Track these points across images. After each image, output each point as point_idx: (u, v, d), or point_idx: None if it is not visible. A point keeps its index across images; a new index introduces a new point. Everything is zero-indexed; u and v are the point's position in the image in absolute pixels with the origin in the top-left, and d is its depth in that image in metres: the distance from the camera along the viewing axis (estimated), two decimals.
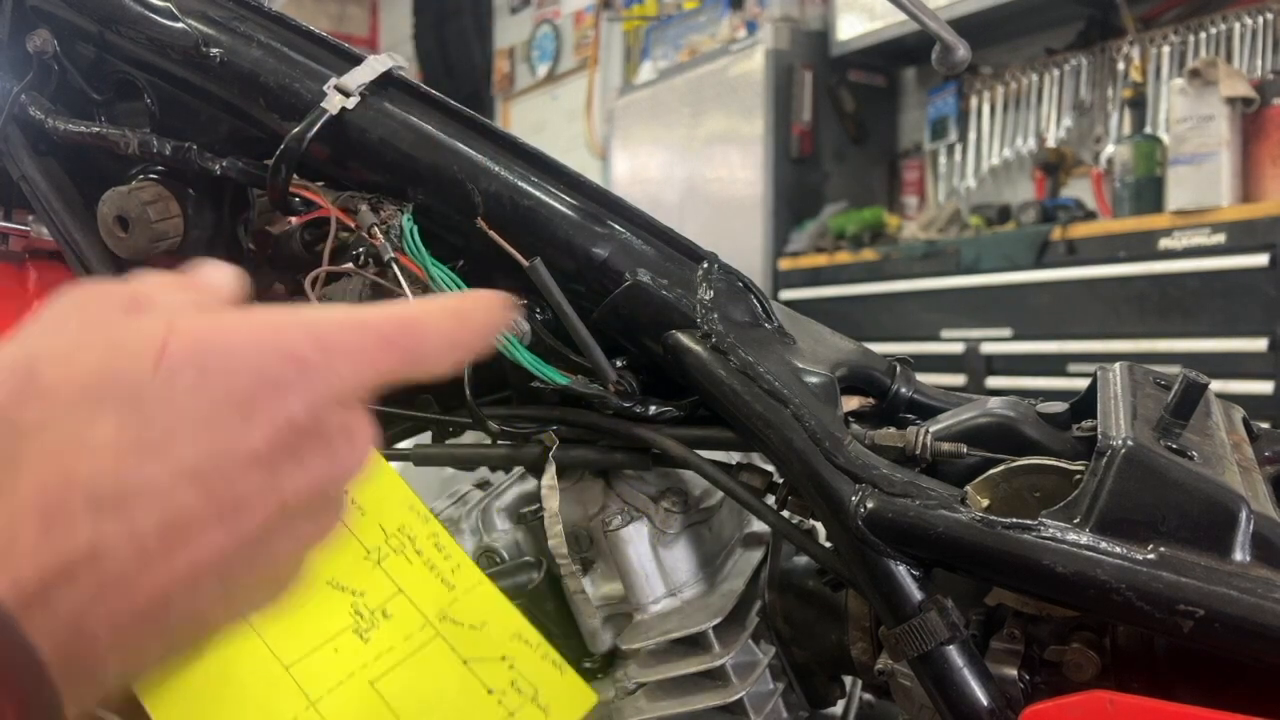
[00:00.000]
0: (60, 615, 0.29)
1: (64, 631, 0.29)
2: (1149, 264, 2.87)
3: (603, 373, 0.69)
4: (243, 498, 0.31)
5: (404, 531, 0.50)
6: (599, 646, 0.78)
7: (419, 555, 0.50)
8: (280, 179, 0.71)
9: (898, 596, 0.61)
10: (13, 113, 0.76)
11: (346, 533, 0.48)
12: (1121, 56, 3.49)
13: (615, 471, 0.76)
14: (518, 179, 0.71)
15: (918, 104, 4.28)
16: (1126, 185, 3.06)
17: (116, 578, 0.30)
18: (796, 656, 0.75)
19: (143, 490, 0.30)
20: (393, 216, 0.70)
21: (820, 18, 4.13)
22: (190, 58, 0.72)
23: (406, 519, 0.51)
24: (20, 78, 0.76)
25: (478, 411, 0.72)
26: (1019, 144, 3.85)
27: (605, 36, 5.49)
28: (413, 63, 6.35)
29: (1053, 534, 0.56)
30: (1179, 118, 2.83)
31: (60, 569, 0.29)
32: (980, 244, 3.35)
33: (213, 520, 0.31)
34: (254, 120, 0.73)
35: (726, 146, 4.06)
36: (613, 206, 0.72)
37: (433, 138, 0.71)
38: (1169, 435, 0.59)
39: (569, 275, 0.70)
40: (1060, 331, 3.07)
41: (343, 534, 0.47)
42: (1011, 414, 0.66)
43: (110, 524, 0.29)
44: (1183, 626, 0.52)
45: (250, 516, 0.32)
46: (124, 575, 0.30)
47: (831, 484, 0.62)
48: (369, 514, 0.50)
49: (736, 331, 0.68)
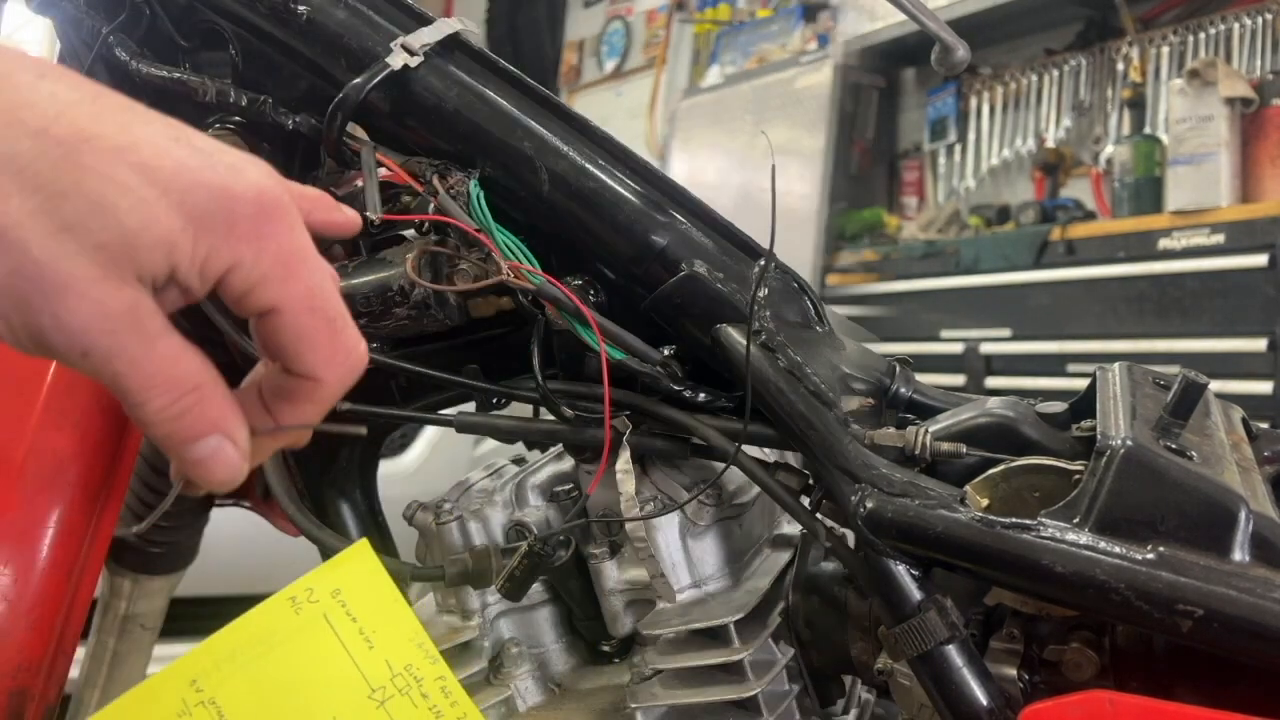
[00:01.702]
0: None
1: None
2: (1148, 264, 2.87)
3: (647, 356, 0.70)
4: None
5: (411, 671, 0.48)
6: (619, 630, 0.79)
7: (424, 699, 0.48)
8: (335, 126, 0.70)
9: (897, 596, 0.61)
10: (100, 53, 0.76)
11: (351, 665, 0.46)
12: (1121, 57, 3.47)
13: (651, 458, 0.76)
14: (585, 160, 0.71)
15: (917, 104, 4.24)
16: (1126, 185, 3.06)
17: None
18: (815, 661, 0.75)
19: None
20: (460, 183, 0.71)
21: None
22: (278, 12, 0.72)
23: (414, 657, 0.48)
24: (112, 19, 0.76)
25: (546, 392, 0.72)
26: (1018, 144, 3.83)
27: (675, 37, 5.44)
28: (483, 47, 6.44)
29: (1052, 533, 0.56)
30: (1178, 118, 2.83)
31: None
32: (979, 244, 3.36)
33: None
34: (332, 80, 0.73)
35: (786, 158, 4.00)
36: (675, 196, 0.72)
37: (503, 110, 0.71)
38: (1168, 435, 0.59)
39: (626, 260, 0.71)
40: (1059, 332, 3.07)
41: (343, 666, 0.46)
42: (1011, 414, 0.66)
43: None
44: (1181, 626, 0.52)
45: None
46: None
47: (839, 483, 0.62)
48: (376, 649, 0.47)
49: (787, 331, 0.69)
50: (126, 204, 0.36)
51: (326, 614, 0.46)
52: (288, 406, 0.43)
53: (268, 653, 0.45)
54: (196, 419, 0.39)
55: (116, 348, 0.36)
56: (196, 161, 0.38)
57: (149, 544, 0.97)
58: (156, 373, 0.37)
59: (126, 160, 0.36)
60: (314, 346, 0.41)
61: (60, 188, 0.35)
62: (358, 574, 0.47)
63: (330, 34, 0.72)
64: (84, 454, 0.79)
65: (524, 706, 0.80)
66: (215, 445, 0.40)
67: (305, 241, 0.41)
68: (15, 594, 0.75)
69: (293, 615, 0.46)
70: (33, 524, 0.76)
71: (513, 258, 0.69)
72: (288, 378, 0.42)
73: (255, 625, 0.45)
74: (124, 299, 0.36)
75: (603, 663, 0.84)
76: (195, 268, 0.38)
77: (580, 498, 0.79)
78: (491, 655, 0.81)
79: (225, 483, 0.41)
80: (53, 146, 0.35)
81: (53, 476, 0.77)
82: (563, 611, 0.84)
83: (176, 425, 0.39)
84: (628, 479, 0.71)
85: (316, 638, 0.46)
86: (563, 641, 0.84)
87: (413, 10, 0.74)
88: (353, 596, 0.47)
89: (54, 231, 0.35)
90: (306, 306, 0.40)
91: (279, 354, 0.42)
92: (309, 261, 0.41)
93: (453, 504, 0.82)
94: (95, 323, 0.36)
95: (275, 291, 0.40)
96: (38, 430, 0.77)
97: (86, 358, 0.36)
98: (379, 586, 0.48)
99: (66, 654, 0.80)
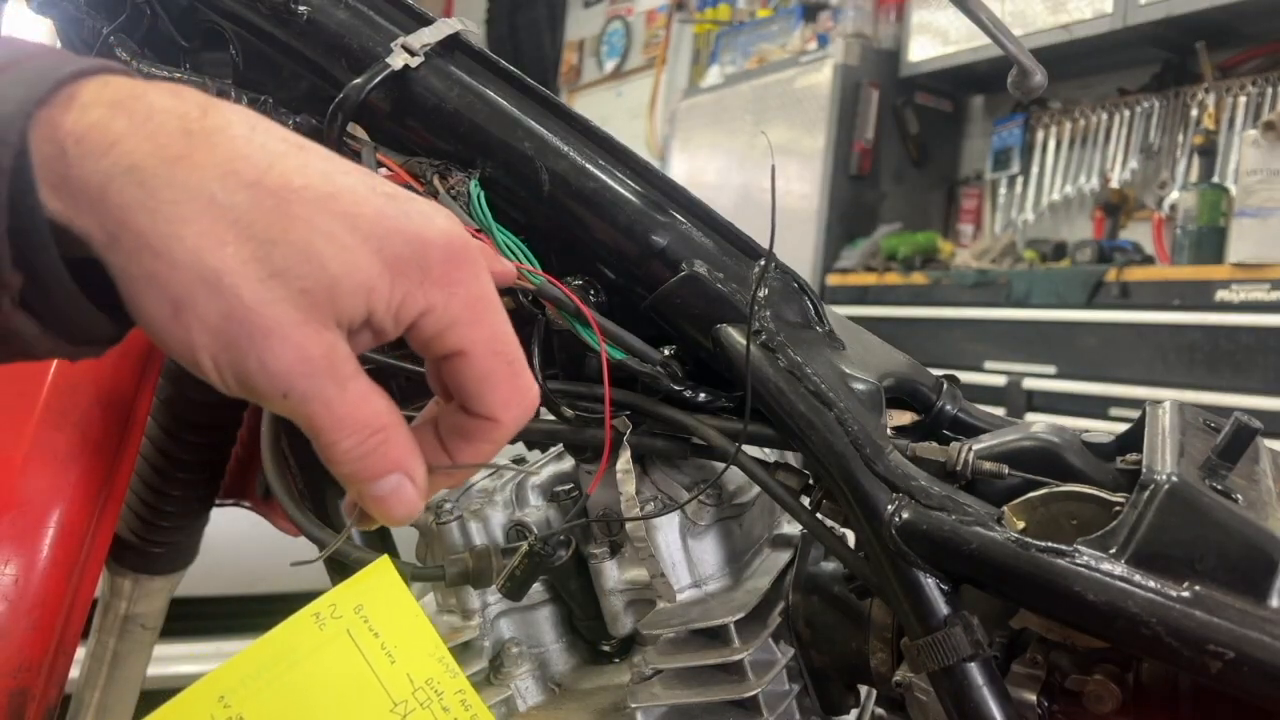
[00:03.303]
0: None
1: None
2: (1203, 314, 2.82)
3: (647, 356, 0.70)
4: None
5: (432, 685, 0.48)
6: (619, 630, 0.79)
7: (446, 712, 0.48)
8: (336, 126, 0.71)
9: (924, 608, 0.60)
10: (100, 53, 0.76)
11: (374, 680, 0.47)
12: (1195, 103, 3.43)
13: (650, 458, 0.76)
14: (586, 161, 0.71)
15: (982, 132, 4.25)
16: (1188, 233, 3.00)
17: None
18: (815, 661, 0.75)
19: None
20: (460, 183, 0.71)
21: (893, 37, 4.11)
22: (278, 12, 0.73)
23: (435, 671, 0.48)
24: (112, 20, 0.77)
25: (547, 392, 0.72)
26: (1081, 182, 3.81)
27: (675, 37, 5.52)
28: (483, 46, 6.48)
29: (1087, 561, 0.55)
30: (1249, 169, 2.77)
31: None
32: (1032, 278, 3.32)
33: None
34: (333, 80, 0.73)
35: (785, 158, 4.06)
36: (675, 196, 0.72)
37: (504, 110, 0.72)
38: (1214, 476, 0.58)
39: (626, 260, 0.71)
40: (1106, 374, 3.04)
41: (367, 680, 0.47)
42: (1056, 440, 0.66)
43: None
44: (1211, 667, 0.51)
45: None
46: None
47: (868, 491, 0.62)
48: (398, 663, 0.48)
49: (787, 331, 0.68)
50: (331, 251, 0.37)
51: (350, 629, 0.47)
52: (465, 445, 0.45)
53: (292, 668, 0.46)
54: (381, 458, 0.41)
55: (314, 390, 0.38)
56: (393, 210, 0.40)
57: (149, 544, 0.97)
58: (348, 415, 0.39)
59: (330, 210, 0.38)
60: (495, 388, 0.43)
61: (271, 236, 0.37)
62: (379, 589, 0.48)
63: (330, 34, 0.72)
64: (84, 454, 0.79)
65: (524, 706, 0.79)
66: (396, 483, 0.42)
67: (490, 287, 0.43)
68: (16, 594, 0.75)
69: (317, 631, 0.47)
70: (33, 524, 0.76)
71: (513, 258, 0.69)
72: (466, 418, 0.44)
73: (280, 642, 0.46)
74: (324, 343, 0.38)
75: (603, 662, 0.84)
76: (391, 312, 0.40)
77: (580, 498, 0.79)
78: (492, 655, 0.81)
79: (403, 519, 0.43)
80: (265, 197, 0.37)
81: (53, 476, 0.77)
82: (563, 611, 0.84)
83: (363, 465, 0.41)
84: (628, 479, 0.72)
85: (340, 653, 0.47)
86: (563, 641, 0.84)
87: (413, 10, 0.74)
88: (375, 612, 0.48)
89: (264, 278, 0.36)
90: (491, 350, 0.42)
91: (461, 394, 0.44)
92: (494, 306, 0.43)
93: (453, 504, 0.82)
94: (297, 366, 0.37)
95: (463, 335, 0.41)
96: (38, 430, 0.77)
97: (286, 399, 0.38)
98: (400, 602, 0.48)
99: (67, 654, 0.81)
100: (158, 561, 0.99)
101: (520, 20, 6.35)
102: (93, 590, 0.84)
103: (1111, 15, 3.29)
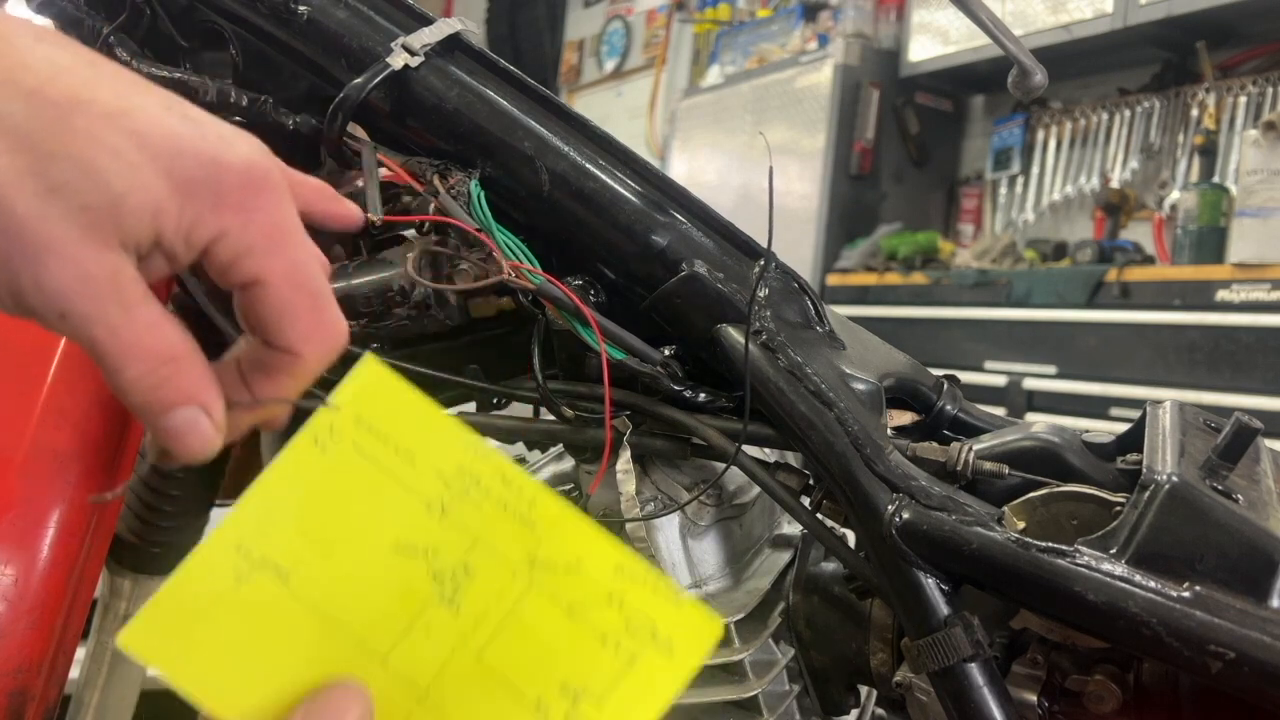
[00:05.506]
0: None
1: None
2: (1204, 314, 2.82)
3: (647, 356, 0.70)
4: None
5: (464, 472, 0.43)
6: None
7: (488, 496, 0.43)
8: (336, 126, 0.71)
9: (924, 609, 0.61)
10: (100, 52, 0.76)
11: (399, 487, 0.42)
12: (1196, 103, 3.43)
13: (650, 458, 0.76)
14: (585, 160, 0.71)
15: (983, 132, 4.24)
16: (1188, 233, 3.00)
17: None
18: (815, 661, 0.75)
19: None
20: (460, 183, 0.71)
21: (892, 37, 4.11)
22: (278, 12, 0.73)
23: (463, 457, 0.43)
24: (112, 19, 0.77)
25: (547, 392, 0.72)
26: (1082, 182, 3.80)
27: (675, 37, 5.52)
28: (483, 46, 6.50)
29: (1087, 561, 0.55)
30: (1249, 169, 2.77)
31: None
32: (1033, 278, 3.31)
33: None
34: (332, 79, 0.73)
35: (786, 158, 4.04)
36: (675, 196, 0.72)
37: (504, 110, 0.72)
38: (1215, 476, 0.58)
39: (626, 260, 0.71)
40: (1106, 374, 3.03)
41: (390, 489, 0.42)
42: (1056, 440, 0.66)
43: None
44: (1211, 667, 0.51)
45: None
46: None
47: (869, 491, 0.62)
48: (420, 462, 0.42)
49: (787, 331, 0.69)
50: (115, 168, 0.36)
51: (356, 444, 0.42)
52: (266, 381, 0.43)
53: (307, 500, 0.41)
54: (173, 389, 0.39)
55: (96, 313, 0.36)
56: (188, 130, 0.38)
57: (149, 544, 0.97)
58: (135, 341, 0.37)
59: (118, 125, 0.36)
60: (295, 321, 0.41)
61: (50, 149, 0.35)
62: (374, 393, 0.43)
63: (331, 34, 0.73)
64: (84, 454, 0.79)
65: None
66: (190, 416, 0.39)
67: (292, 217, 0.41)
68: (16, 594, 0.75)
69: (320, 456, 0.42)
70: (33, 524, 0.76)
71: (513, 257, 0.69)
72: (267, 351, 0.42)
73: (283, 476, 0.41)
74: (106, 263, 0.36)
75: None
76: (181, 235, 0.38)
77: (581, 498, 0.79)
78: None
79: (198, 455, 0.40)
80: (46, 108, 0.35)
81: (53, 476, 0.77)
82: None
83: (152, 395, 0.38)
84: (628, 479, 0.72)
85: (353, 472, 0.42)
86: None
87: (413, 10, 0.74)
88: (377, 417, 0.43)
89: (41, 192, 0.35)
90: (290, 280, 0.40)
91: (260, 327, 0.41)
92: (295, 236, 0.41)
93: None
94: (75, 286, 0.35)
95: (260, 263, 0.39)
96: (38, 430, 0.77)
97: (64, 320, 0.36)
98: (400, 396, 0.43)
99: (67, 654, 0.80)
100: (158, 561, 0.99)
101: (520, 20, 6.35)
102: (93, 590, 0.84)
103: (1112, 15, 3.29)
